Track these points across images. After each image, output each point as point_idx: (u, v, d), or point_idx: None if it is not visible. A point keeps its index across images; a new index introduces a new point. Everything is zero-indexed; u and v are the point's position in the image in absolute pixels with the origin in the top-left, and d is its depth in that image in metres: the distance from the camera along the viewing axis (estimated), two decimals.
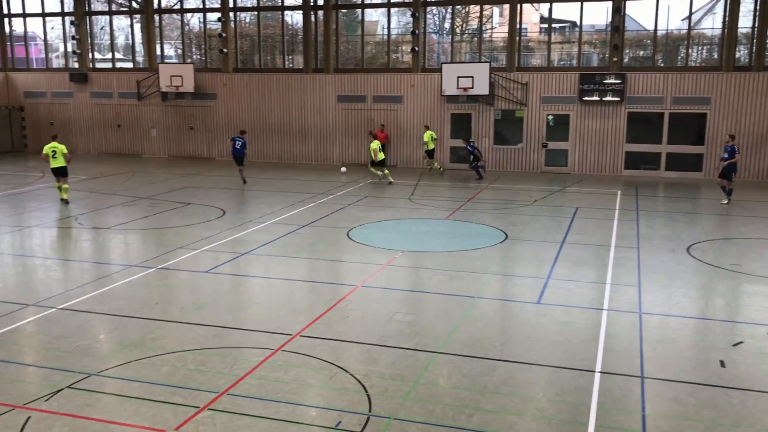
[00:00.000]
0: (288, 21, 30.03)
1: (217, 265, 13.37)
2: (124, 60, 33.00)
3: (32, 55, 34.48)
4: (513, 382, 8.31)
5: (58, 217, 18.06)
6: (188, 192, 21.62)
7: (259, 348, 9.26)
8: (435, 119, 27.21)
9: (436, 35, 29.74)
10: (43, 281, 12.63)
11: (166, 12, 31.06)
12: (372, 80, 27.85)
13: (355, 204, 19.74)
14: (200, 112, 29.99)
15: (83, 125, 31.88)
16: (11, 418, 7.34)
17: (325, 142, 28.67)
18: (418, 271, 13.30)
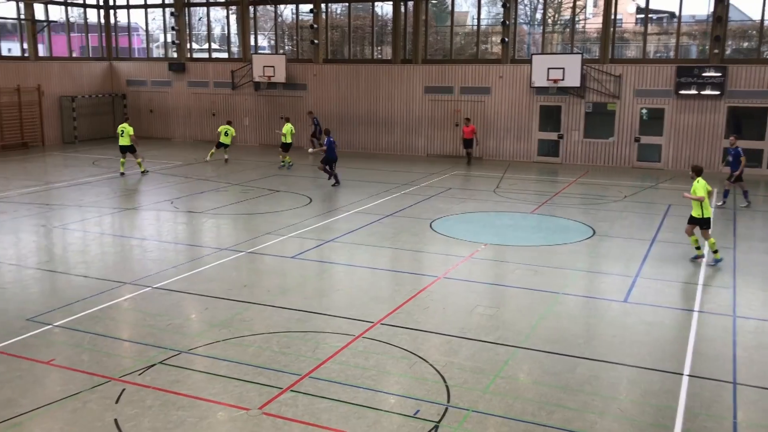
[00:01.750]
0: (378, 12, 30.20)
1: (303, 251, 13.68)
2: (220, 50, 34.07)
3: (134, 45, 36.11)
4: (596, 380, 8.14)
5: (155, 200, 18.90)
6: (277, 179, 22.17)
7: (341, 334, 9.44)
8: (523, 111, 26.79)
9: (526, 26, 29.22)
10: (140, 261, 13.27)
11: (261, 3, 31.82)
12: (460, 71, 27.67)
13: (439, 195, 19.72)
14: (290, 101, 30.62)
15: (180, 113, 33.16)
16: (108, 389, 7.79)
17: (411, 132, 28.72)
18: (501, 265, 13.18)
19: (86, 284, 11.59)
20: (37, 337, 9.26)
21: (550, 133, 26.65)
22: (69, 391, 7.72)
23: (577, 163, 26.16)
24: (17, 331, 9.43)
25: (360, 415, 7.30)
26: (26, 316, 10.00)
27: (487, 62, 27.68)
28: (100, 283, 11.61)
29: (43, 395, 7.68)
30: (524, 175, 23.86)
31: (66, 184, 20.99)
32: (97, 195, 19.28)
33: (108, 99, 33.68)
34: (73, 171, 23.58)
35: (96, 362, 8.50)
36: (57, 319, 9.85)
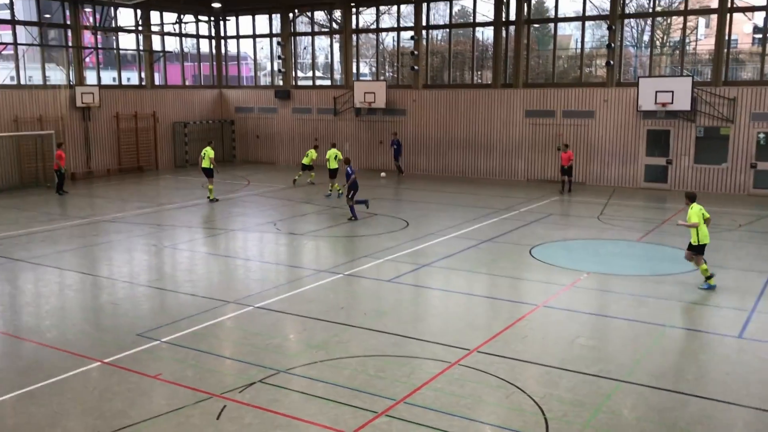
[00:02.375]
0: (479, 37, 30.19)
1: (399, 275, 13.70)
2: (323, 78, 35.01)
3: (243, 74, 37.71)
4: (708, 421, 7.66)
5: (258, 222, 19.51)
6: (375, 203, 22.37)
7: (437, 360, 9.34)
8: (629, 135, 25.93)
9: (633, 48, 28.38)
10: (243, 281, 13.69)
11: (363, 32, 32.54)
12: (562, 95, 27.16)
13: (540, 221, 19.31)
14: (390, 126, 30.98)
15: (285, 138, 34.23)
16: (210, 405, 8.03)
17: (510, 156, 28.38)
18: (604, 295, 12.71)
19: (192, 302, 12.06)
20: (145, 351, 9.70)
21: (658, 158, 25.63)
22: (173, 405, 8.00)
23: (687, 189, 24.96)
24: (128, 345, 9.91)
25: None
26: (136, 331, 10.50)
27: (591, 86, 27.04)
28: (205, 301, 12.05)
29: (149, 408, 8.00)
30: (630, 201, 23.00)
31: (177, 206, 22.03)
32: (205, 217, 20.11)
33: (217, 125, 35.24)
34: (184, 193, 24.74)
35: (199, 378, 8.79)
36: (164, 335, 10.28)
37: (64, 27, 29.05)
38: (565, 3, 28.01)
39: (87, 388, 8.56)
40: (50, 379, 8.73)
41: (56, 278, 13.73)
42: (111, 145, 30.07)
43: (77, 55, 29.21)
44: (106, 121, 29.87)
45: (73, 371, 8.99)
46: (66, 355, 9.57)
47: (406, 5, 30.70)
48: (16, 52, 27.39)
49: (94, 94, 28.75)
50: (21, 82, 27.52)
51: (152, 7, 31.50)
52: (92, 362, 9.28)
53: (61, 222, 19.38)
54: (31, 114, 26.88)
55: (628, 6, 26.74)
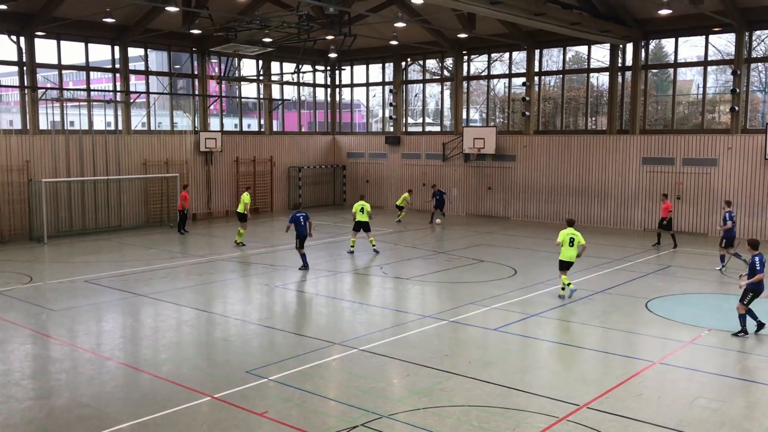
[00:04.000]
0: (593, 83, 29.64)
1: (506, 324, 13.39)
2: (433, 124, 35.39)
3: (356, 120, 38.78)
4: None
5: (366, 265, 19.72)
6: (483, 249, 22.15)
7: (544, 414, 8.99)
8: (756, 184, 24.45)
9: (761, 93, 26.92)
10: (349, 323, 13.82)
11: (474, 78, 32.74)
12: (682, 141, 26.06)
13: (657, 273, 18.40)
14: (499, 172, 30.76)
15: (393, 182, 34.69)
16: None
17: (626, 205, 27.40)
18: (728, 353, 11.86)
19: (300, 342, 12.27)
20: (253, 389, 9.92)
21: None
22: None
23: None
24: (237, 381, 10.17)
25: None
26: (246, 368, 10.78)
27: (714, 132, 25.80)
28: (312, 341, 12.24)
29: None
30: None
31: (289, 247, 22.66)
32: (315, 258, 20.56)
33: (330, 170, 36.26)
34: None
35: (304, 418, 8.88)
36: (272, 374, 10.49)
37: (191, 77, 31.03)
38: (685, 48, 27.06)
39: (197, 422, 8.83)
40: (163, 411, 9.08)
41: (174, 313, 14.39)
42: (230, 188, 31.53)
43: (203, 102, 31.07)
44: (226, 165, 31.43)
45: (185, 404, 9.31)
46: (179, 388, 9.95)
47: (518, 52, 30.68)
48: (148, 100, 29.47)
49: (217, 139, 30.39)
50: (151, 127, 29.53)
51: (273, 58, 33.12)
52: (203, 397, 9.58)
53: (181, 260, 20.39)
54: (159, 158, 28.70)
55: (755, 50, 25.48)
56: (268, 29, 25.50)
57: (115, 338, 12.73)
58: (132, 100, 28.41)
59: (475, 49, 31.82)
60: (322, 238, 24.70)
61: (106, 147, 27.01)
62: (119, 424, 8.71)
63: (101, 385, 10.13)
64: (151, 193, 28.22)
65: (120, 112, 28.10)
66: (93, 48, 27.22)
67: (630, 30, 26.24)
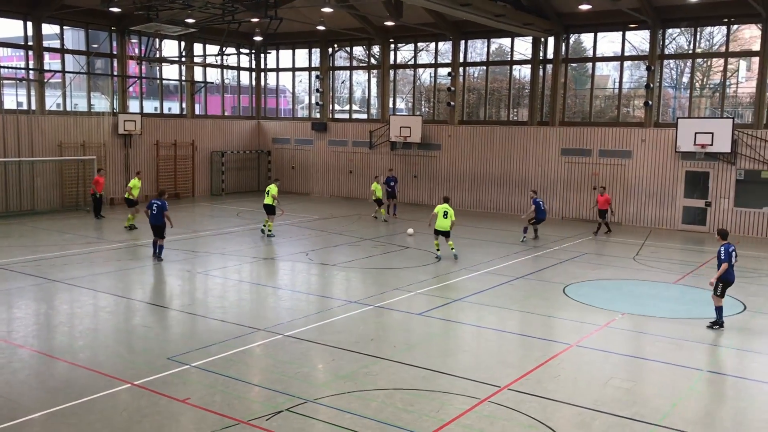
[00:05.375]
0: (515, 75, 30.29)
1: (430, 309, 13.59)
2: (360, 111, 35.39)
3: (281, 106, 38.34)
4: None
5: (291, 251, 19.60)
6: (402, 236, 22.35)
7: (466, 396, 9.19)
8: (667, 176, 25.62)
9: (672, 89, 28.18)
10: (274, 309, 13.72)
11: (401, 67, 32.90)
12: (599, 134, 27.01)
13: (574, 260, 19.06)
14: (425, 161, 31.09)
15: (319, 170, 34.54)
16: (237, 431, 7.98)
17: (545, 194, 28.17)
18: (640, 336, 12.44)
19: (223, 328, 12.09)
20: (175, 375, 9.73)
21: (697, 201, 25.24)
22: (201, 430, 7.99)
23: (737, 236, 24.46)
24: (158, 368, 9.95)
25: None
26: (167, 354, 10.55)
27: (629, 125, 26.86)
28: (235, 327, 12.09)
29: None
30: (667, 243, 22.61)
31: (212, 233, 22.28)
32: (239, 244, 20.28)
33: (254, 155, 35.74)
34: (219, 221, 25.02)
35: (227, 404, 8.77)
36: (195, 360, 10.31)
37: (110, 57, 29.92)
38: (603, 43, 28.00)
39: (116, 410, 8.59)
40: (81, 399, 8.79)
41: (91, 300, 13.92)
42: (150, 172, 30.62)
43: (122, 84, 30.01)
44: (146, 149, 30.50)
45: (103, 392, 9.04)
46: (97, 375, 9.65)
47: (443, 42, 31.01)
48: (64, 80, 28.24)
49: (136, 122, 29.44)
50: (66, 108, 28.32)
51: (196, 40, 32.30)
52: (123, 384, 9.33)
53: (98, 245, 19.72)
54: (75, 140, 27.58)
55: (667, 47, 26.64)
56: (191, 9, 24.78)
57: (28, 325, 12.21)
58: (46, 79, 27.15)
59: (402, 38, 31.97)
60: (245, 224, 24.37)
61: (18, 127, 25.75)
62: (32, 414, 8.38)
63: (13, 374, 9.71)
64: (67, 177, 27.12)
65: (33, 92, 26.81)
66: (3, 23, 25.85)
67: (552, 24, 26.95)
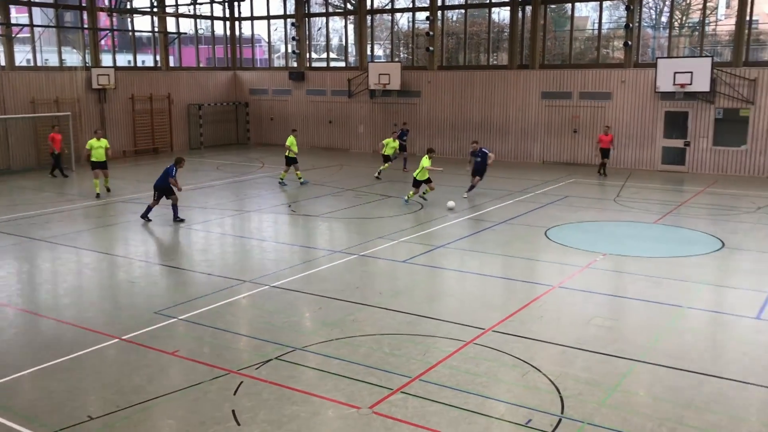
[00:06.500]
0: (494, 18, 29.93)
1: (414, 256, 13.70)
2: (337, 59, 34.90)
3: (257, 56, 37.66)
4: (723, 400, 7.63)
5: (274, 204, 19.55)
6: (389, 185, 22.36)
7: (452, 339, 9.35)
8: (647, 117, 25.68)
9: (651, 29, 28.01)
10: (259, 261, 13.76)
11: (378, 12, 32.35)
12: (579, 76, 26.91)
13: (555, 203, 19.21)
14: (405, 108, 30.85)
15: (299, 120, 34.18)
16: (227, 381, 8.09)
17: (526, 139, 28.21)
18: (621, 276, 12.65)
19: (208, 281, 12.13)
20: (163, 329, 9.78)
21: (676, 141, 25.40)
22: (191, 381, 8.08)
23: (705, 172, 24.76)
24: (145, 322, 9.99)
25: (470, 420, 7.19)
26: (154, 309, 10.59)
27: (609, 66, 26.76)
28: (221, 280, 12.13)
29: (167, 384, 8.08)
30: (647, 183, 22.82)
31: (192, 187, 22.10)
32: (219, 198, 20.18)
33: (232, 107, 35.26)
34: (199, 175, 24.80)
35: (216, 355, 8.86)
36: (181, 313, 10.36)
37: (79, 9, 29.10)
38: None
39: (105, 364, 8.66)
40: (69, 355, 8.83)
41: (74, 257, 13.85)
42: (126, 127, 30.16)
43: (93, 37, 29.27)
44: (121, 103, 29.95)
45: (91, 348, 9.08)
46: (84, 332, 9.68)
47: None
48: (33, 35, 27.48)
49: (110, 76, 28.82)
50: (37, 64, 27.64)
51: None
52: (110, 339, 9.38)
53: (79, 202, 19.52)
54: (48, 96, 27.01)
55: None
56: None
57: (12, 284, 12.15)
58: (14, 34, 26.40)
59: None
60: (225, 177, 24.21)
61: None
62: (21, 371, 8.42)
63: None
64: (42, 134, 26.61)
65: (2, 47, 26.10)
66: None
67: None
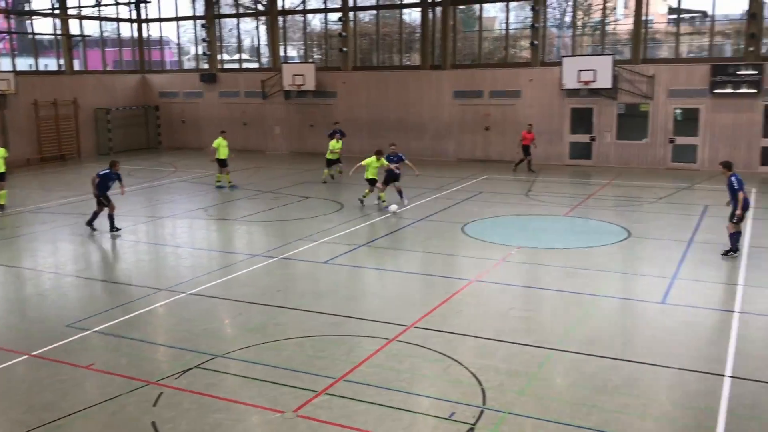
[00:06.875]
0: (406, 19, 30.27)
1: (335, 257, 13.71)
2: (250, 61, 34.44)
3: (166, 58, 36.71)
4: (634, 382, 8.01)
5: (189, 208, 19.12)
6: (309, 186, 22.28)
7: (375, 337, 9.42)
8: (554, 114, 26.58)
9: (556, 29, 29.01)
10: (175, 268, 13.43)
11: (290, 13, 32.13)
12: (489, 75, 27.57)
13: (471, 199, 19.63)
14: (320, 109, 30.78)
15: (212, 123, 33.49)
16: (146, 392, 7.87)
17: (441, 137, 28.66)
18: (535, 268, 13.06)
19: (123, 291, 11.76)
20: (76, 342, 9.41)
21: (582, 136, 26.40)
22: (108, 395, 7.81)
23: (610, 165, 25.86)
24: (57, 336, 9.58)
25: (395, 417, 7.27)
26: (66, 322, 10.17)
27: (517, 65, 27.54)
28: (136, 289, 11.77)
29: (83, 398, 7.79)
30: (556, 178, 23.64)
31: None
32: (132, 204, 19.57)
33: (141, 111, 34.23)
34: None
35: (134, 366, 8.61)
36: (95, 325, 9.99)
37: None
38: None
39: (13, 382, 8.26)
40: None
41: None
42: (30, 134, 28.78)
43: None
44: (23, 109, 28.55)
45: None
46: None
47: None
48: None
49: (10, 80, 27.44)
50: None
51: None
52: (19, 356, 8.94)
53: None
54: None
55: None
56: None
57: None
58: None
59: None
60: (138, 183, 23.50)
61: None
62: None
63: None
64: None
65: None
66: None
67: None
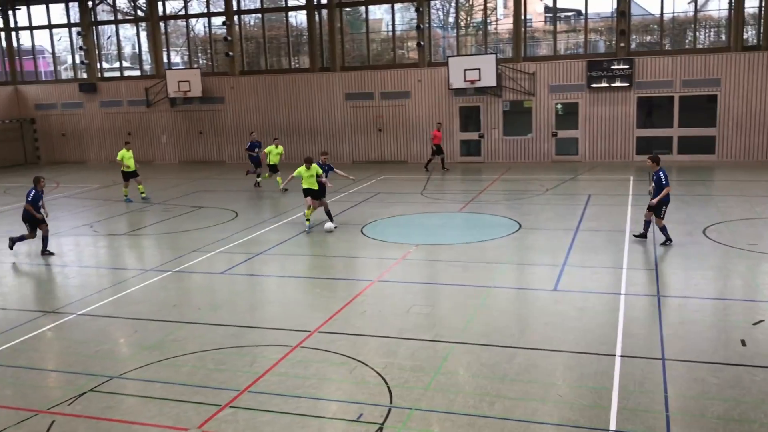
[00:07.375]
0: (292, 22, 30.07)
1: (232, 267, 13.42)
2: (132, 68, 33.16)
3: (41, 68, 34.73)
4: (533, 369, 8.29)
5: (74, 225, 18.18)
6: (200, 196, 21.71)
7: (278, 345, 9.28)
8: (443, 113, 27.18)
9: (441, 30, 29.67)
10: (62, 288, 12.73)
11: (171, 18, 31.19)
12: (379, 77, 27.85)
13: (368, 201, 19.74)
14: (209, 116, 30.09)
15: (94, 134, 32.07)
16: (36, 422, 7.40)
17: (334, 140, 28.68)
18: (433, 264, 13.29)
19: (3, 316, 11.01)
20: None
21: (471, 133, 27.15)
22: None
23: (498, 160, 26.73)
24: None
25: (303, 424, 7.19)
26: None
27: (405, 66, 27.96)
28: (19, 314, 11.05)
29: None
30: (449, 175, 24.18)
31: None
32: (10, 224, 18.37)
33: (16, 124, 32.26)
34: None
35: (21, 396, 8.07)
36: None
37: None
38: None
39: None
40: None
41: None
42: None
43: None
44: None
45: None
46: None
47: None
48: None
49: None
50: None
51: None
52: None
53: None
54: None
55: None
56: None
57: None
58: None
59: None
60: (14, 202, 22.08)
61: None
62: None
63: None
64: None
65: None
66: None
67: None
